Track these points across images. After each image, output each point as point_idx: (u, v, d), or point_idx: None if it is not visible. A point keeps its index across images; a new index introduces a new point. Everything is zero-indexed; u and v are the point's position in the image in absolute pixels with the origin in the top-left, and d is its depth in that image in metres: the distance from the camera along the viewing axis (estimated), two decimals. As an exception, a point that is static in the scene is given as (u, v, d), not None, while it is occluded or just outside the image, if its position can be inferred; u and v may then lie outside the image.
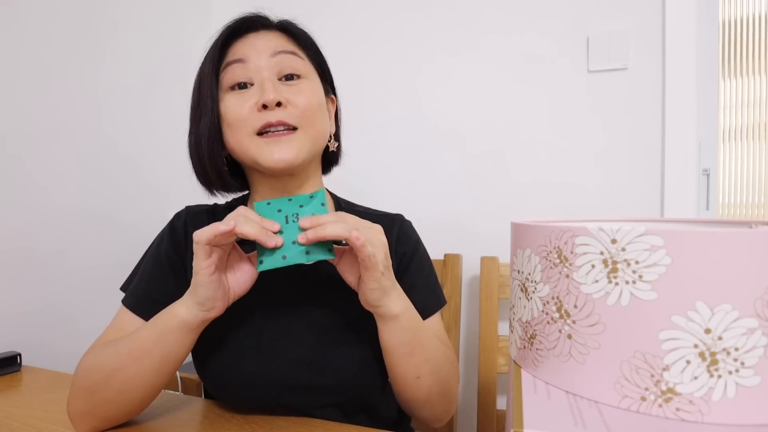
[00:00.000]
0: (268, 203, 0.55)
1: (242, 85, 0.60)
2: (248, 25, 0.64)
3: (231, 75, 0.61)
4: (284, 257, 0.51)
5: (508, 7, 1.21)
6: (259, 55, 0.61)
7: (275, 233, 0.51)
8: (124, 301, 0.63)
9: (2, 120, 0.94)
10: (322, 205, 0.55)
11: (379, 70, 1.33)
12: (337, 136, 0.72)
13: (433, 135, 1.28)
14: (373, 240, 0.51)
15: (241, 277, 0.54)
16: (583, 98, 1.15)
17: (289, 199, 0.55)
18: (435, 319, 0.68)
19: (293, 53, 0.62)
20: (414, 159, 1.30)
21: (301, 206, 0.54)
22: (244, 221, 0.49)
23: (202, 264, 0.49)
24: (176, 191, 1.33)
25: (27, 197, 0.98)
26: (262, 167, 0.60)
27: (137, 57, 1.23)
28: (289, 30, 0.65)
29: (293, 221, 0.53)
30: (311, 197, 0.55)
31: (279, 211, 0.54)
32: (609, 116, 1.13)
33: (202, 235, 0.48)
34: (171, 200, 1.31)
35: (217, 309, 0.53)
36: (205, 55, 0.64)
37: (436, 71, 1.28)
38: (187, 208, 0.70)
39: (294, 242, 0.51)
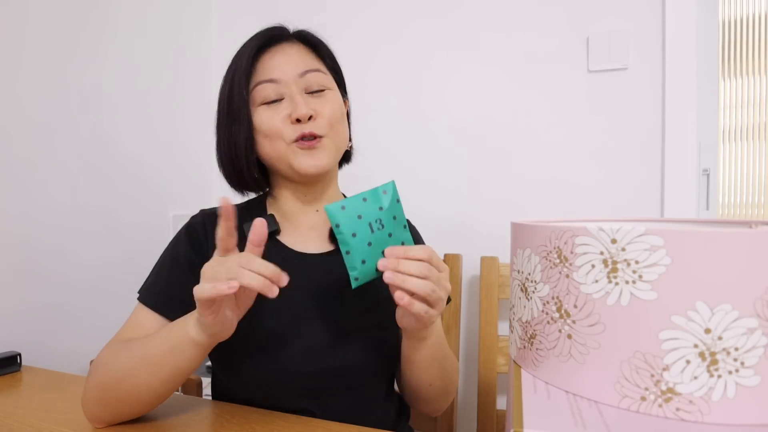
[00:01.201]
0: (343, 207, 0.52)
1: (274, 100, 0.66)
2: (270, 39, 0.69)
3: (263, 93, 0.66)
4: (364, 261, 0.52)
5: (508, 7, 1.21)
6: (288, 73, 0.66)
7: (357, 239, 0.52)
8: (142, 300, 0.65)
9: (3, 119, 0.94)
10: (395, 218, 0.54)
11: (379, 69, 1.33)
12: (350, 136, 0.78)
13: (433, 135, 1.28)
14: (441, 283, 0.53)
15: (244, 301, 0.54)
16: (583, 98, 1.15)
17: (364, 199, 0.53)
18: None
19: (318, 70, 0.68)
20: (414, 159, 1.30)
21: (380, 208, 0.53)
22: (249, 276, 0.47)
23: (204, 313, 0.50)
24: (177, 190, 1.33)
25: (27, 197, 0.98)
26: (296, 173, 0.66)
27: (138, 56, 1.23)
28: (308, 41, 0.71)
29: (378, 229, 0.53)
30: (384, 192, 0.54)
31: (359, 217, 0.52)
32: (609, 116, 1.13)
33: (202, 294, 0.48)
34: (171, 199, 1.31)
35: (226, 335, 0.54)
36: (230, 66, 0.69)
37: (436, 71, 1.28)
38: (202, 211, 0.72)
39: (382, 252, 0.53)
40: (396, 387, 0.77)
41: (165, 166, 1.31)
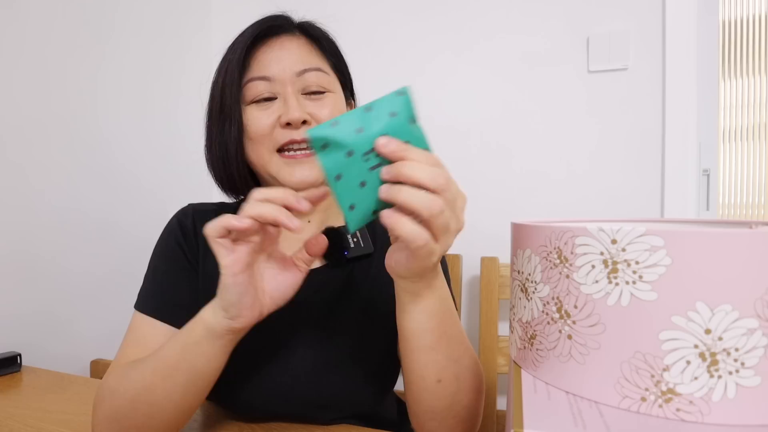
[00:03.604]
0: (335, 123, 0.37)
1: (266, 98, 0.59)
2: (270, 30, 0.61)
3: (255, 90, 0.59)
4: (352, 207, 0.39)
5: (508, 7, 1.21)
6: (285, 71, 0.59)
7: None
8: (143, 310, 0.58)
9: (0, 123, 0.94)
10: (412, 122, 0.39)
11: (379, 70, 1.33)
12: None
13: (432, 135, 1.27)
14: (456, 206, 0.40)
15: (282, 283, 0.47)
16: (583, 99, 1.15)
17: (367, 109, 0.38)
18: None
19: (319, 69, 0.61)
20: (414, 159, 1.30)
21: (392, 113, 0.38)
22: (256, 204, 0.41)
23: (224, 261, 0.42)
24: (174, 194, 1.33)
25: (26, 201, 0.98)
26: (280, 185, 0.58)
27: (136, 59, 1.23)
28: (312, 35, 0.64)
29: (377, 164, 0.37)
30: (400, 94, 0.39)
31: (349, 154, 0.37)
32: (609, 116, 1.13)
33: (210, 229, 0.42)
34: (168, 203, 1.31)
35: (245, 318, 0.45)
36: (224, 56, 0.62)
37: (436, 71, 1.28)
38: (192, 206, 0.67)
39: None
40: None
41: (162, 170, 1.30)
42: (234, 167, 0.61)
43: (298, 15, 0.66)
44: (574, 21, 1.15)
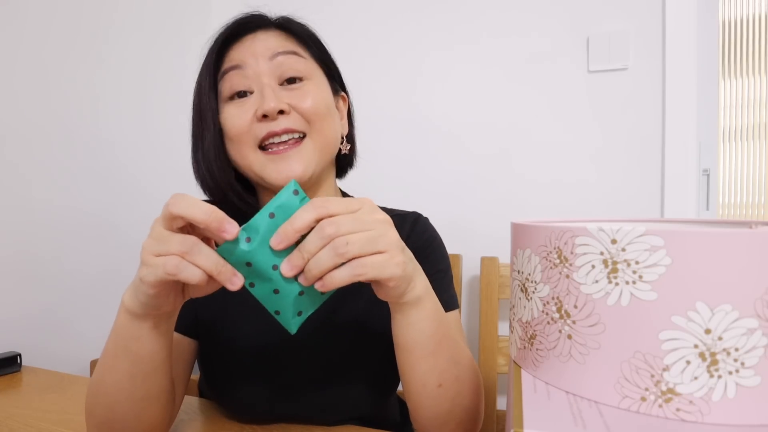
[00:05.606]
0: (248, 239, 0.38)
1: (242, 94, 0.57)
2: (244, 27, 0.59)
3: (229, 84, 0.57)
4: (300, 313, 0.42)
5: (508, 7, 1.21)
6: (257, 58, 0.56)
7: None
8: None
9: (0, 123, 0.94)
10: (302, 200, 0.40)
11: (378, 70, 1.33)
12: (350, 138, 0.68)
13: (432, 136, 1.28)
14: (361, 219, 0.39)
15: (206, 289, 0.43)
16: (583, 98, 1.15)
17: (271, 214, 0.38)
18: (454, 315, 0.62)
19: (294, 53, 0.57)
20: (413, 160, 1.30)
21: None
22: (190, 270, 0.37)
23: (141, 274, 0.39)
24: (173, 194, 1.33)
25: (26, 201, 0.98)
26: (269, 185, 0.57)
27: (135, 59, 1.23)
28: (289, 28, 0.61)
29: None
30: (294, 193, 0.39)
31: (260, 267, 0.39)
32: (609, 116, 1.13)
33: (146, 278, 0.39)
34: (171, 200, 1.31)
35: (163, 310, 0.44)
36: (202, 62, 0.60)
37: (435, 71, 1.28)
38: None
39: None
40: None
41: (162, 170, 1.30)
42: (217, 175, 0.59)
43: (274, 12, 0.63)
44: (574, 21, 1.15)
